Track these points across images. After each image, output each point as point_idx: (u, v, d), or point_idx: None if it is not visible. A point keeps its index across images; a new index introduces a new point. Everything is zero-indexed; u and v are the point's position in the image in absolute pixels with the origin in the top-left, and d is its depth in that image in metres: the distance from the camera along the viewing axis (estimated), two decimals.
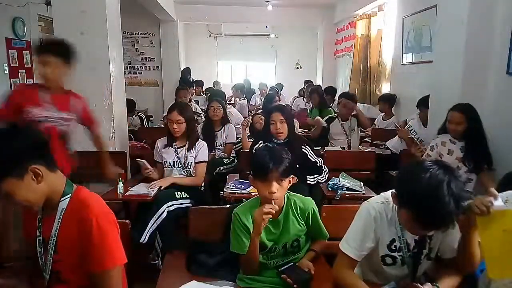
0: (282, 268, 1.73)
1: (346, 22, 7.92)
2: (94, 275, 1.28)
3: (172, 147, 2.89)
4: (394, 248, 1.51)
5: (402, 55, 5.00)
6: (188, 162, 2.86)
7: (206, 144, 2.97)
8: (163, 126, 5.12)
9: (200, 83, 8.20)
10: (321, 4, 8.39)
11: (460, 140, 2.73)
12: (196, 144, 2.90)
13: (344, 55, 8.14)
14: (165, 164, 2.89)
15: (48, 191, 1.29)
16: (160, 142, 2.95)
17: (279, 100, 7.02)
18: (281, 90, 8.11)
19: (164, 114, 5.09)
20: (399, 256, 1.51)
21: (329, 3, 8.32)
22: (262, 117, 3.65)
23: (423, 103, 3.68)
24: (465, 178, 2.62)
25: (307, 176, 2.74)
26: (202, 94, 7.67)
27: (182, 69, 8.60)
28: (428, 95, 3.53)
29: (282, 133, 2.78)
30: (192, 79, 8.00)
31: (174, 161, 2.86)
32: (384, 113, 4.96)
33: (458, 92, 3.06)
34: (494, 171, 2.68)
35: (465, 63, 3.08)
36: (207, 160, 2.94)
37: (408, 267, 1.52)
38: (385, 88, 5.84)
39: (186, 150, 2.87)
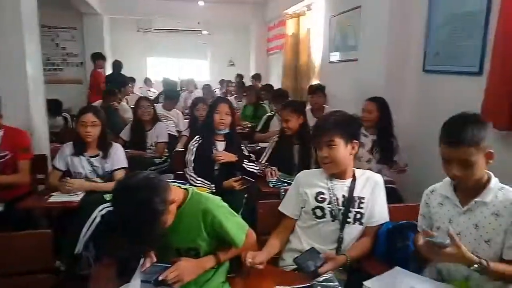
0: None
1: (277, 20, 8.07)
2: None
3: (84, 157, 2.62)
4: (321, 199, 1.73)
5: (329, 54, 5.20)
6: (107, 171, 2.64)
7: (121, 147, 2.78)
8: None
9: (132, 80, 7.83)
10: (253, 1, 8.46)
11: (372, 133, 2.92)
12: (111, 150, 2.66)
13: (276, 53, 8.30)
14: (78, 176, 2.61)
15: None
16: (68, 148, 2.65)
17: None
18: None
19: None
20: (328, 207, 1.71)
21: (260, 1, 8.43)
22: (205, 106, 3.62)
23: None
24: (376, 169, 2.79)
25: (245, 160, 2.76)
26: (132, 93, 7.31)
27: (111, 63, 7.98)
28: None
29: (224, 124, 2.76)
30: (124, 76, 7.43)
31: (90, 172, 2.62)
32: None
33: (381, 89, 3.25)
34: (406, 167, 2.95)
35: (387, 61, 3.29)
36: (127, 165, 2.72)
37: (339, 222, 1.70)
38: None
39: (101, 159, 2.63)
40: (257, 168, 2.84)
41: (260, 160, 2.94)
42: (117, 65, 7.17)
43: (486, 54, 2.41)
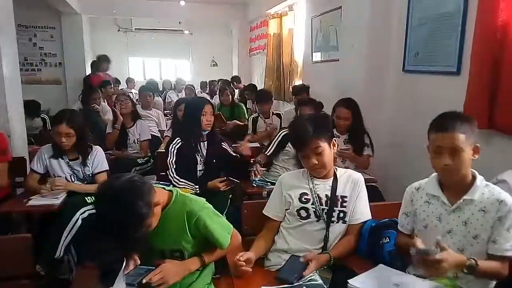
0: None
1: (259, 20, 8.07)
2: None
3: (63, 160, 2.56)
4: (305, 200, 1.74)
5: (312, 54, 5.23)
6: (87, 175, 2.60)
7: (101, 149, 2.72)
8: None
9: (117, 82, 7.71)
10: (235, 1, 8.44)
11: (343, 133, 2.94)
12: (91, 154, 2.60)
13: (258, 53, 8.30)
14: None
15: None
16: (46, 151, 2.57)
17: None
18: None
19: None
20: (312, 207, 1.72)
21: (242, 1, 8.42)
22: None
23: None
24: (352, 167, 2.83)
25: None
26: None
27: (95, 58, 7.64)
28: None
29: (210, 125, 2.77)
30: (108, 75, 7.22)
31: (70, 175, 2.56)
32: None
33: (362, 89, 3.30)
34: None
35: (367, 62, 3.33)
36: (107, 167, 2.67)
37: (324, 222, 1.72)
38: None
39: (81, 163, 2.57)
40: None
41: (265, 152, 2.94)
42: (95, 65, 7.06)
43: (464, 54, 2.47)
